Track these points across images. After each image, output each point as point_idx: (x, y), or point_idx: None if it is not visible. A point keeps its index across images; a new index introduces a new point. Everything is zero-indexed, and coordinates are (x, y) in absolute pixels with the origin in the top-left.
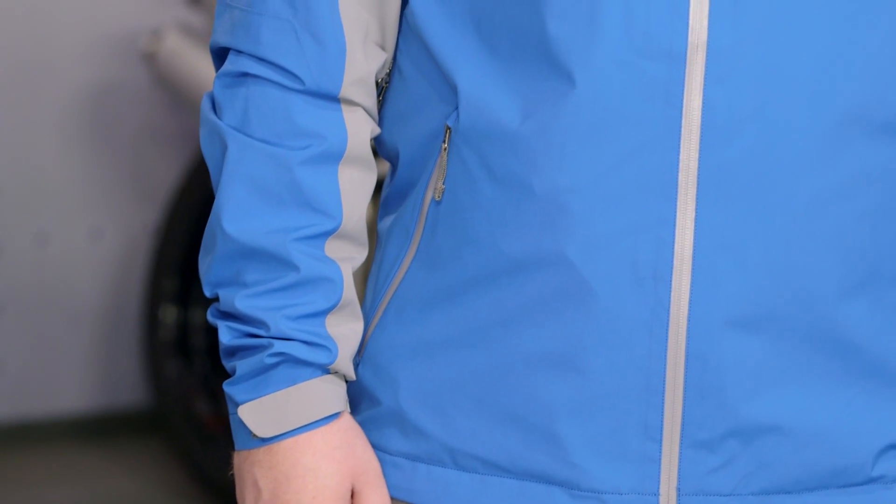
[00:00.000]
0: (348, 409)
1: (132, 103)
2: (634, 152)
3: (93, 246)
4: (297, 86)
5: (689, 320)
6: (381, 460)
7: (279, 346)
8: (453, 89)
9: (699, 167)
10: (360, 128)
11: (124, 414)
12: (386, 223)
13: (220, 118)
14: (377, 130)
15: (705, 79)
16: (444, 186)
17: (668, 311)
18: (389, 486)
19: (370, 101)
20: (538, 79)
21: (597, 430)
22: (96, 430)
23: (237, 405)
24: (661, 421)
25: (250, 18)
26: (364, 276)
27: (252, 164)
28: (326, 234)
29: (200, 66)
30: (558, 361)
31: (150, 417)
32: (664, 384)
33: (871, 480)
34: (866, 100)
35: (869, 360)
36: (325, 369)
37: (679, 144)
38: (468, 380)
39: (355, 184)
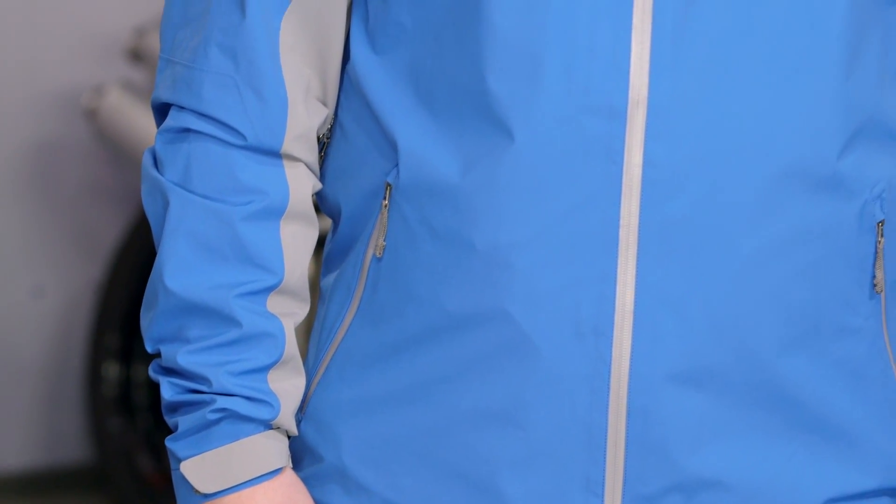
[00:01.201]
0: (291, 465)
1: (74, 159)
2: (575, 208)
3: (35, 303)
4: (239, 141)
5: (630, 375)
6: None
7: (221, 401)
8: (393, 146)
9: (640, 223)
10: (301, 183)
11: (67, 470)
12: (328, 279)
13: (161, 174)
14: (319, 186)
15: (646, 135)
16: (384, 243)
17: (610, 366)
18: None
19: (312, 156)
20: (478, 134)
21: (539, 486)
22: (39, 487)
23: (179, 461)
24: (604, 476)
25: (192, 74)
26: (307, 331)
27: (194, 219)
28: (268, 290)
29: (142, 122)
30: (500, 417)
31: (93, 474)
32: (606, 439)
33: None
34: (805, 155)
35: (810, 415)
36: (267, 425)
37: (620, 201)
38: (410, 436)
39: (297, 239)
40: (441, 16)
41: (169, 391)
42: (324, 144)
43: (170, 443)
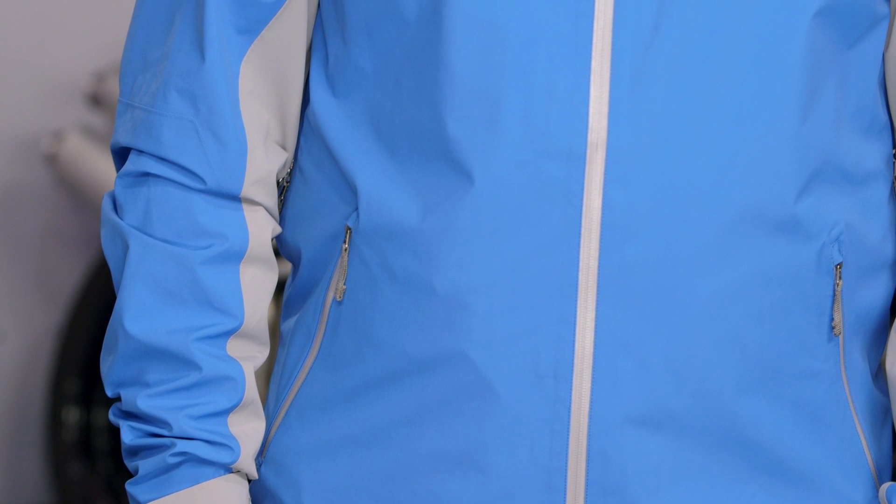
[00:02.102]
0: None
1: (33, 204)
2: (535, 252)
3: None
4: (199, 185)
5: (590, 419)
6: None
7: (181, 445)
8: (353, 189)
9: (599, 267)
10: (261, 227)
11: None
12: (289, 323)
13: (121, 218)
14: (278, 230)
15: (605, 179)
16: (345, 287)
17: (570, 409)
18: None
19: (271, 200)
20: (438, 178)
21: None
22: None
23: None
24: None
25: (151, 118)
26: (267, 375)
27: (154, 263)
28: (228, 334)
29: (102, 167)
30: (460, 461)
31: None
32: (566, 482)
33: None
34: (763, 198)
35: (769, 457)
36: (227, 468)
37: (579, 244)
38: (370, 480)
39: (257, 283)
40: (400, 60)
41: (129, 435)
42: (283, 188)
43: (130, 487)
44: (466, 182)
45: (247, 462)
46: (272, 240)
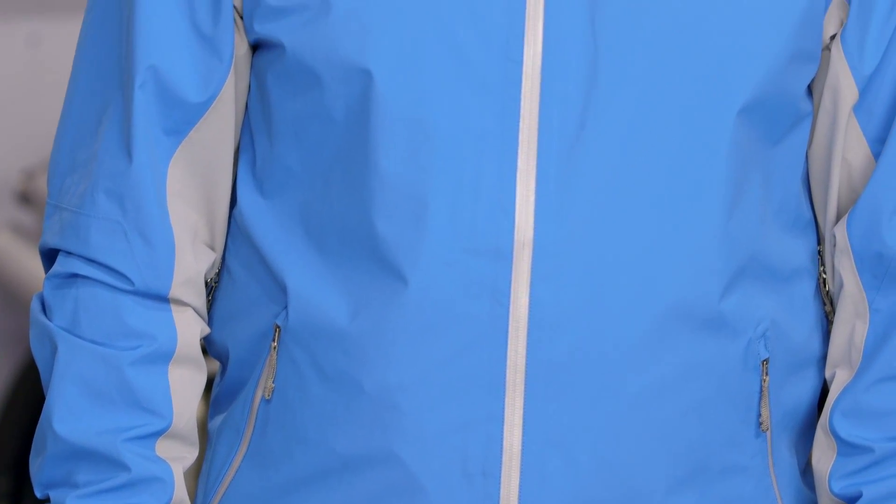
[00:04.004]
0: None
1: None
2: (463, 350)
3: None
4: (127, 286)
5: None
6: None
7: None
8: (282, 288)
9: (527, 364)
10: (189, 328)
11: None
12: (216, 422)
13: (50, 319)
14: (207, 330)
15: (532, 276)
16: (273, 385)
17: None
18: None
19: (199, 301)
20: (367, 277)
21: None
22: None
23: None
24: None
25: (79, 220)
26: (196, 472)
27: (82, 364)
28: (157, 434)
29: (32, 266)
30: None
31: None
32: None
33: None
34: (689, 295)
35: None
36: None
37: (507, 342)
38: None
39: (185, 383)
40: (329, 159)
41: None
42: (211, 289)
43: None
44: (396, 281)
45: None
46: (200, 340)
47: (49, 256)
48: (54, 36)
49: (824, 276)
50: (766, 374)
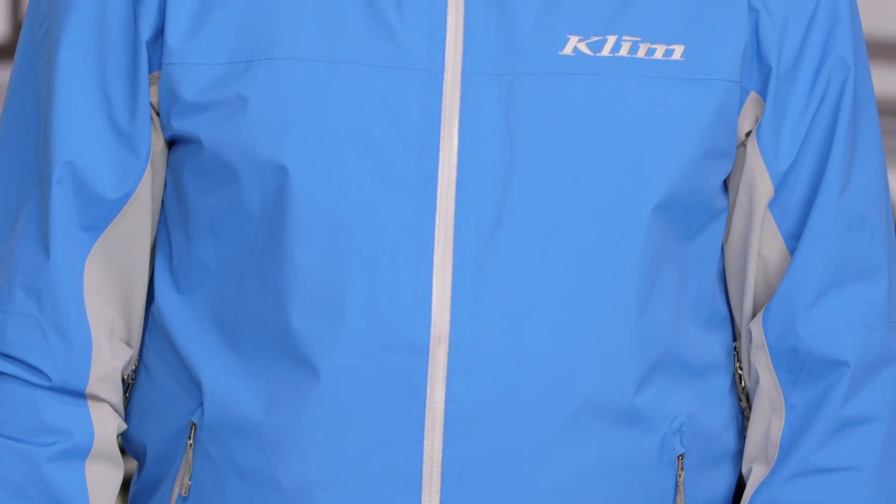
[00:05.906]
0: None
1: None
2: (380, 445)
3: None
4: (44, 382)
5: None
6: None
7: None
8: (198, 385)
9: (443, 459)
10: (106, 424)
11: None
12: None
13: None
14: (124, 426)
15: (448, 371)
16: (190, 482)
17: None
18: None
19: (116, 397)
20: (282, 372)
21: None
22: None
23: None
24: None
25: None
26: None
27: None
28: None
29: None
30: None
31: None
32: None
33: None
34: (604, 390)
35: None
36: None
37: (423, 436)
38: None
39: (102, 480)
40: (244, 255)
41: None
42: (128, 385)
43: None
44: (311, 376)
45: None
46: (118, 436)
47: None
48: None
49: (740, 371)
50: (682, 469)
